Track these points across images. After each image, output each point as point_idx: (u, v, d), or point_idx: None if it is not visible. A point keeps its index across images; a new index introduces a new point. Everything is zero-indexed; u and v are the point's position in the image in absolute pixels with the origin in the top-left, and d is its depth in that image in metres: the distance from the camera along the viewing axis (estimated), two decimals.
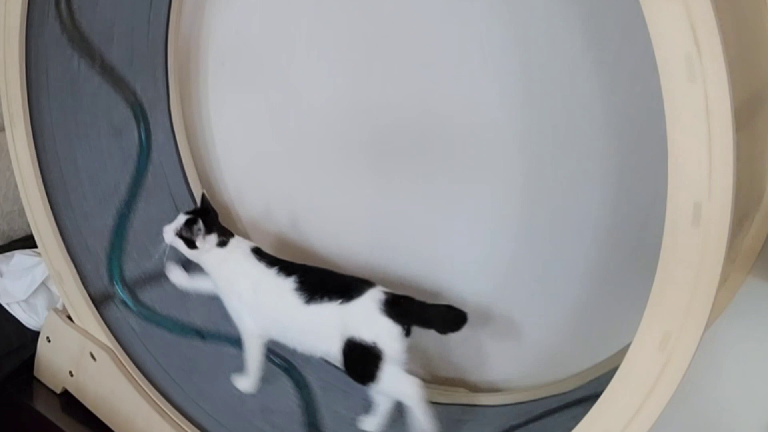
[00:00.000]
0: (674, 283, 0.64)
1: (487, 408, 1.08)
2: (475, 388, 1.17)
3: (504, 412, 1.06)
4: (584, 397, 0.89)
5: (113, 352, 1.10)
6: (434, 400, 1.11)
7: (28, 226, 1.14)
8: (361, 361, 0.97)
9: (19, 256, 1.26)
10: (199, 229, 1.05)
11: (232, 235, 1.09)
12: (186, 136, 1.33)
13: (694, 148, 0.60)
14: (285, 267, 1.05)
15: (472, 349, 1.17)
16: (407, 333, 0.97)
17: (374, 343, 0.95)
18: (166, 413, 1.06)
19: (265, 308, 1.05)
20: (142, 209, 1.25)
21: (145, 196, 1.26)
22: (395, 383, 0.97)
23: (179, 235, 1.06)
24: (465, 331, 0.99)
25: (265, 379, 1.11)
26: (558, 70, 0.97)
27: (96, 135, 1.21)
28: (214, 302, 1.10)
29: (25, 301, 1.22)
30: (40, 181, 1.10)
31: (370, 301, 0.98)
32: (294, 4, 1.19)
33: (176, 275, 1.11)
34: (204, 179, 1.37)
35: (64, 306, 1.16)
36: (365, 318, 0.97)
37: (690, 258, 0.63)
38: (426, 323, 0.99)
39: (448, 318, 0.97)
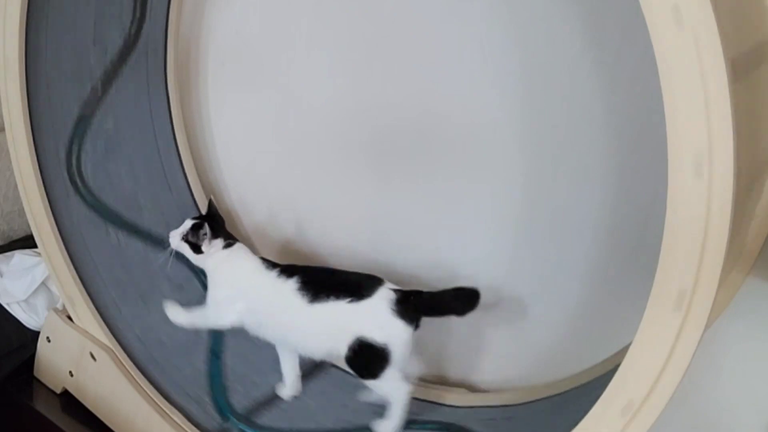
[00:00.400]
0: (683, 240, 0.63)
1: (487, 408, 1.08)
2: (475, 388, 1.17)
3: (504, 412, 1.06)
4: (584, 397, 0.88)
5: (113, 352, 1.10)
6: (434, 400, 1.11)
7: (28, 226, 1.14)
8: (369, 360, 0.96)
9: (19, 256, 1.26)
10: (205, 234, 1.05)
11: (236, 240, 1.09)
12: (186, 136, 1.33)
13: (689, 98, 0.59)
14: (287, 269, 1.04)
15: (472, 349, 1.17)
16: (416, 326, 0.97)
17: (385, 344, 0.95)
18: (166, 413, 1.06)
19: (262, 311, 1.04)
20: None
21: None
22: (391, 385, 0.98)
23: (185, 239, 1.06)
24: (465, 330, 0.99)
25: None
26: (558, 70, 0.97)
27: None
28: None
29: (25, 301, 1.23)
30: (40, 181, 1.10)
31: (382, 300, 0.96)
32: (294, 4, 1.19)
33: (174, 312, 1.09)
34: (204, 179, 1.37)
35: (64, 306, 1.16)
36: (377, 319, 0.96)
37: (697, 211, 0.62)
38: (441, 311, 0.99)
39: (462, 298, 0.97)
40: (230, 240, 1.08)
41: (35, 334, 1.20)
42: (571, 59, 0.95)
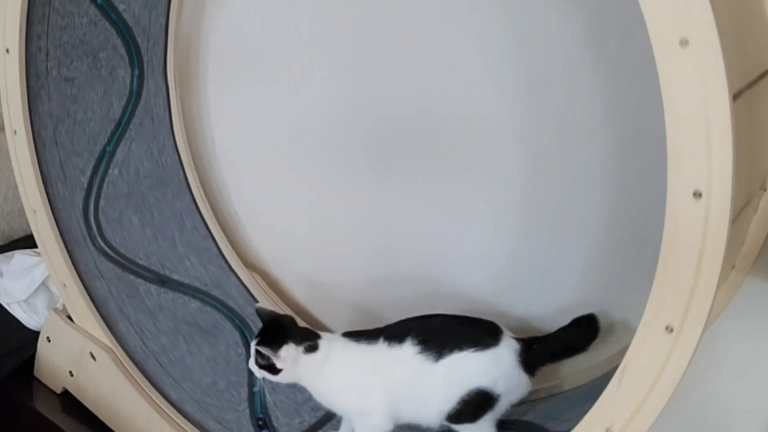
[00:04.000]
0: (677, 257, 0.63)
1: None
2: None
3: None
4: (584, 397, 0.88)
5: (113, 352, 1.10)
6: None
7: (28, 226, 1.14)
8: (477, 407, 0.88)
9: (19, 256, 1.26)
10: (271, 349, 0.90)
11: (318, 336, 0.93)
12: (186, 136, 1.33)
13: (691, 120, 0.60)
14: (389, 335, 0.92)
15: None
16: (533, 376, 0.90)
17: (500, 395, 0.88)
18: (166, 413, 1.06)
19: (395, 388, 0.91)
20: None
21: None
22: (482, 427, 0.90)
23: (260, 366, 0.92)
24: None
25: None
26: (558, 70, 0.97)
27: None
28: None
29: (25, 301, 1.23)
30: (40, 181, 1.10)
31: (507, 351, 0.89)
32: (294, 4, 1.19)
33: None
34: (204, 179, 1.37)
35: (64, 306, 1.16)
36: (502, 369, 0.88)
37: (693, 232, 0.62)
38: (565, 354, 0.93)
39: (582, 331, 0.91)
40: (309, 339, 0.92)
41: (35, 334, 1.20)
42: (571, 59, 0.95)
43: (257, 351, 0.91)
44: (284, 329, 0.93)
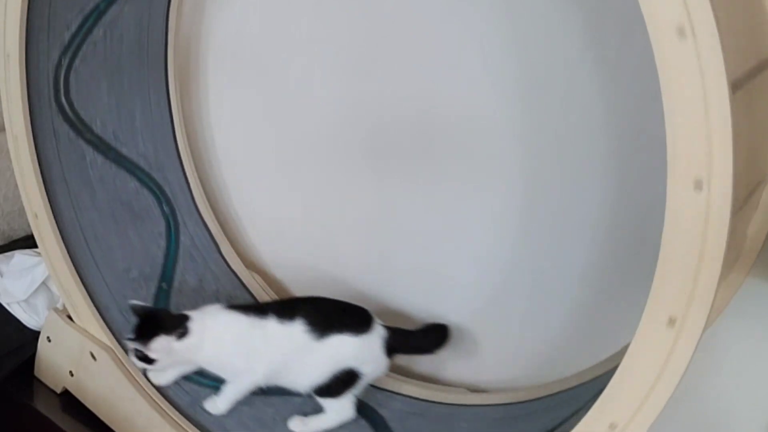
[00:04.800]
0: (677, 253, 0.63)
1: (487, 408, 1.08)
2: (475, 388, 1.17)
3: (503, 411, 1.06)
4: (584, 396, 0.88)
5: (113, 351, 1.10)
6: (434, 400, 1.11)
7: (28, 226, 1.14)
8: (341, 384, 1.01)
9: (20, 256, 1.26)
10: (142, 344, 0.96)
11: (188, 319, 0.98)
12: (186, 136, 1.33)
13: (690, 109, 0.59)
14: (280, 312, 1.02)
15: (472, 349, 1.17)
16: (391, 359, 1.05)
17: (364, 374, 1.01)
18: (167, 413, 1.06)
19: (279, 358, 1.01)
20: None
21: None
22: (341, 405, 1.03)
23: (138, 358, 0.98)
24: (464, 330, 0.99)
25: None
26: (558, 70, 0.97)
27: None
28: None
29: (26, 300, 1.23)
30: (41, 180, 1.10)
31: (377, 338, 1.02)
32: (294, 4, 1.19)
33: (211, 405, 1.07)
34: (204, 179, 1.37)
35: (64, 306, 1.16)
36: (371, 354, 1.02)
37: (694, 224, 0.62)
38: (416, 350, 1.10)
39: (431, 335, 1.07)
40: (179, 325, 0.97)
41: (35, 334, 1.20)
42: (571, 59, 0.95)
43: (132, 347, 0.97)
44: (155, 321, 0.98)
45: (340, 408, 1.03)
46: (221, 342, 1.00)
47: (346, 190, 1.25)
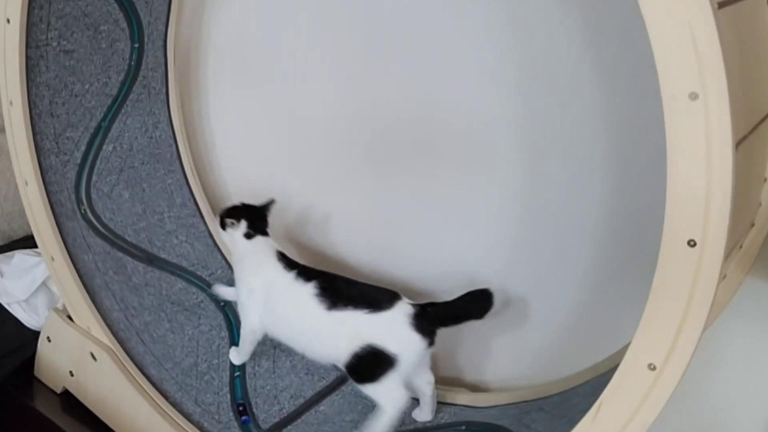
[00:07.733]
0: (667, 302, 0.65)
1: (487, 408, 1.08)
2: (475, 388, 1.18)
3: (504, 411, 1.06)
4: (583, 396, 0.89)
5: (113, 352, 1.10)
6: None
7: (28, 226, 1.14)
8: (372, 365, 0.97)
9: (20, 256, 1.26)
10: (233, 220, 1.09)
11: (265, 233, 1.10)
12: (186, 137, 1.33)
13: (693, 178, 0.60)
14: (304, 272, 1.05)
15: (472, 349, 1.17)
16: (431, 343, 0.97)
17: (396, 354, 0.96)
18: (167, 413, 1.06)
19: (277, 310, 1.06)
20: None
21: None
22: (388, 392, 0.97)
23: (220, 215, 1.11)
24: (464, 330, 0.99)
25: None
26: (558, 70, 0.97)
27: None
28: None
29: (26, 300, 1.23)
30: (41, 180, 1.10)
31: (400, 314, 0.97)
32: (294, 5, 1.19)
33: (234, 356, 1.16)
34: (204, 179, 1.37)
35: (64, 306, 1.16)
36: (394, 330, 0.97)
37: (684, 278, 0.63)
38: (458, 319, 1.00)
39: (476, 301, 0.99)
40: (254, 230, 1.09)
41: (35, 334, 1.20)
42: (571, 59, 0.95)
43: (230, 210, 1.11)
44: (256, 216, 1.11)
45: (387, 394, 0.97)
46: (249, 267, 1.08)
47: (346, 189, 1.25)
